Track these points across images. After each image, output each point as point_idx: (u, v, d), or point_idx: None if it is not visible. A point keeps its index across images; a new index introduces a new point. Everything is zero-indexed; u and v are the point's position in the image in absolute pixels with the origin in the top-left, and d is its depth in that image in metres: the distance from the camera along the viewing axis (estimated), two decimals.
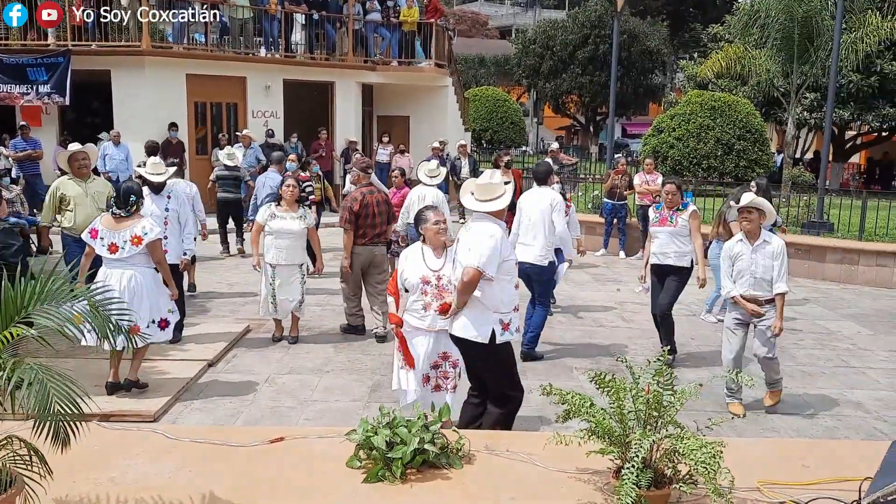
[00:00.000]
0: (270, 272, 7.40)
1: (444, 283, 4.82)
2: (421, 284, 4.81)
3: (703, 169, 18.12)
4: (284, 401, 6.04)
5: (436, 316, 4.79)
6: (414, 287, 4.85)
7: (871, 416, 6.06)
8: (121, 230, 5.69)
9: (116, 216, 5.76)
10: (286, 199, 7.47)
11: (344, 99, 18.19)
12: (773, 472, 2.99)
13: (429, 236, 4.91)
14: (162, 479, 3.12)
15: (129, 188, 5.89)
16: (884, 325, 8.94)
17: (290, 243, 7.40)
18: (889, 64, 19.95)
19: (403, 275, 4.89)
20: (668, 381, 2.83)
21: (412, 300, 4.90)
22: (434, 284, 4.83)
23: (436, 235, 4.89)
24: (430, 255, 4.92)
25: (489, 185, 4.50)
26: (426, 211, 5.04)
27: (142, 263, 5.78)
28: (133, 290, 5.68)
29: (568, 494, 2.88)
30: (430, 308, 4.83)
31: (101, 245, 5.73)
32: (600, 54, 31.41)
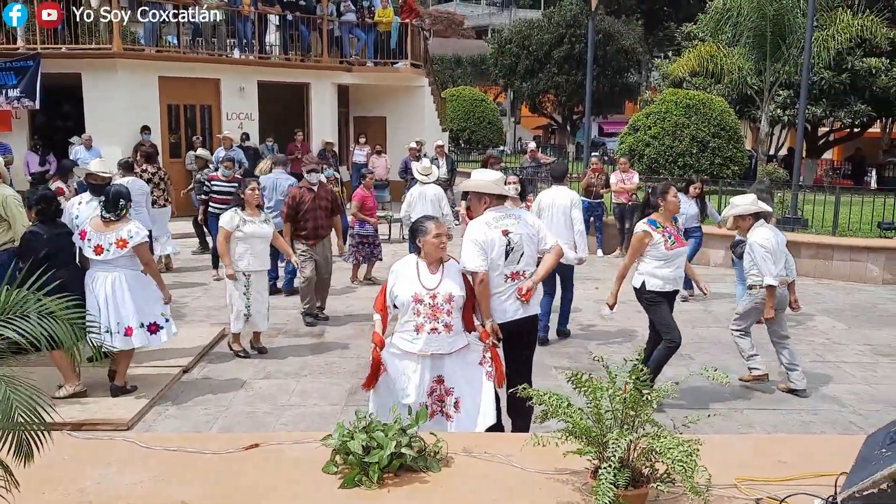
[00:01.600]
0: (245, 281, 7.09)
1: (438, 303, 4.30)
2: (413, 303, 4.28)
3: (679, 167, 18.23)
4: (261, 406, 5.98)
5: (428, 339, 4.30)
6: (404, 305, 4.32)
7: (846, 410, 6.12)
8: (108, 233, 5.79)
9: (105, 219, 5.85)
10: (250, 203, 7.16)
11: (319, 100, 18.11)
12: (750, 469, 2.99)
13: (427, 250, 4.35)
14: (134, 489, 3.07)
15: (119, 192, 5.97)
16: (858, 319, 9.04)
17: (262, 248, 7.27)
18: (860, 61, 20.20)
19: (394, 291, 4.36)
20: (644, 380, 2.82)
21: (403, 320, 4.36)
22: (427, 304, 4.29)
23: (436, 250, 4.35)
24: (424, 272, 4.36)
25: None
26: (426, 222, 4.44)
27: (126, 266, 5.84)
28: (115, 292, 5.78)
29: (546, 495, 2.86)
30: (422, 330, 4.29)
31: (87, 246, 5.83)
32: (576, 53, 31.53)
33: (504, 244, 4.68)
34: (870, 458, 2.45)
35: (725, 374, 2.95)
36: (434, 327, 4.29)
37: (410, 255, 4.51)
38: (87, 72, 14.92)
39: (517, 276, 4.74)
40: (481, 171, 5.25)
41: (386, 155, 17.75)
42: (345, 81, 18.81)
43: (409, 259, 4.47)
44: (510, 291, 4.72)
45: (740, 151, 19.25)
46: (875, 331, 8.55)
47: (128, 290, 5.80)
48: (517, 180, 8.71)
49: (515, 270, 4.73)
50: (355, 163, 18.49)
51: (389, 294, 4.39)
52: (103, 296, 5.76)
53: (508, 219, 4.78)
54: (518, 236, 4.74)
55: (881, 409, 6.09)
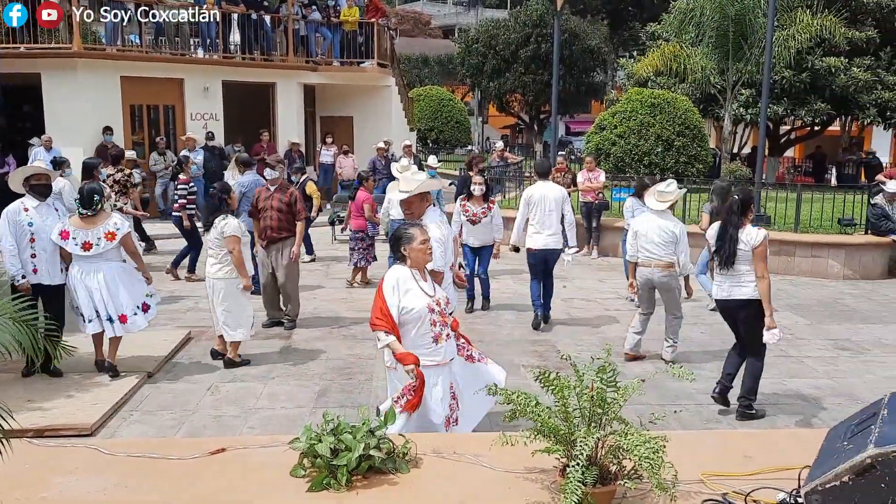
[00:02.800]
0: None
1: (443, 308, 4.29)
2: (428, 314, 4.17)
3: (645, 165, 18.39)
4: (228, 409, 5.92)
5: (447, 346, 4.26)
6: (420, 318, 4.16)
7: (808, 404, 6.22)
8: (93, 228, 6.20)
9: (84, 216, 6.24)
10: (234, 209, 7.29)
11: (285, 100, 17.97)
12: (716, 464, 3.02)
13: (415, 257, 4.22)
14: (98, 497, 3.01)
15: (92, 188, 6.37)
16: (819, 314, 9.20)
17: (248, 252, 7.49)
18: (819, 60, 20.55)
19: (402, 305, 4.13)
20: (611, 378, 2.84)
21: (420, 334, 4.19)
22: (438, 311, 4.22)
23: (423, 256, 4.25)
24: (421, 281, 4.25)
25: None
26: (410, 229, 4.31)
27: (114, 257, 6.36)
28: (108, 284, 6.25)
29: (515, 494, 2.86)
30: (441, 339, 4.22)
31: (73, 244, 6.20)
32: (542, 53, 31.66)
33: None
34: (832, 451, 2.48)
35: (691, 372, 2.98)
36: (448, 333, 4.29)
37: (399, 267, 4.27)
38: (47, 72, 14.64)
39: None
40: (416, 172, 5.45)
41: (353, 155, 17.67)
42: (311, 81, 18.69)
43: (400, 270, 4.24)
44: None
45: (705, 150, 19.48)
46: (836, 325, 8.71)
47: (119, 280, 6.30)
48: (483, 181, 8.79)
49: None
50: (322, 163, 18.38)
51: (397, 310, 4.12)
52: (96, 287, 6.22)
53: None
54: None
55: (843, 402, 6.20)
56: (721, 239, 5.74)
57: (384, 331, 4.09)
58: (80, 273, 6.23)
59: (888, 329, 8.59)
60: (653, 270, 7.10)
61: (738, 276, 5.70)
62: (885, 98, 21.29)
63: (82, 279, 6.23)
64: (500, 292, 10.04)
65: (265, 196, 8.16)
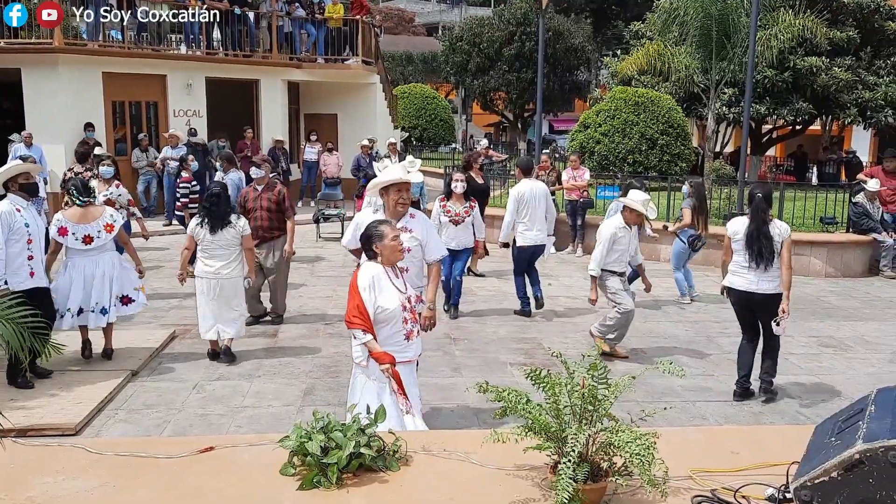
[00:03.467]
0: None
1: (413, 305, 4.34)
2: (402, 312, 4.21)
3: (629, 164, 18.49)
4: (214, 408, 5.88)
5: (417, 342, 4.36)
6: (394, 316, 4.18)
7: (794, 401, 6.28)
8: (91, 223, 6.42)
9: (84, 205, 6.46)
10: None
11: (269, 97, 17.89)
12: (705, 460, 3.04)
13: (387, 254, 4.22)
14: (85, 496, 2.98)
15: (82, 178, 6.79)
16: (803, 312, 9.28)
17: None
18: (801, 60, 20.72)
19: (378, 304, 4.13)
20: (602, 375, 2.84)
21: (393, 332, 4.22)
22: (409, 308, 4.27)
23: (395, 253, 4.25)
24: (394, 278, 4.26)
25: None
26: (381, 226, 4.28)
27: (110, 248, 6.66)
28: (104, 275, 6.51)
29: (506, 492, 2.86)
30: (412, 336, 4.30)
31: (74, 239, 6.37)
32: (526, 51, 31.70)
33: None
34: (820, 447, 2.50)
35: (681, 368, 3.00)
36: (418, 330, 4.37)
37: (371, 264, 4.25)
38: (28, 67, 14.47)
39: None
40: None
41: (338, 153, 17.62)
42: (295, 78, 18.61)
43: (372, 267, 4.23)
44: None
45: (688, 148, 19.62)
46: (819, 323, 8.79)
47: (115, 272, 6.59)
48: (463, 178, 8.79)
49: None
50: (306, 161, 18.32)
51: (373, 308, 4.11)
52: (98, 277, 6.45)
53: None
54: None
55: (827, 398, 6.27)
56: (755, 238, 5.86)
57: (361, 329, 4.09)
58: (76, 266, 6.45)
59: (870, 326, 8.69)
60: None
61: (771, 269, 5.89)
62: (865, 98, 21.51)
63: (82, 272, 6.43)
64: (485, 290, 10.06)
65: (253, 196, 8.11)
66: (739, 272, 6.04)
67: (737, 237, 6.01)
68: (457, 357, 7.19)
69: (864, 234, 11.75)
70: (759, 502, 2.63)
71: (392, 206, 5.00)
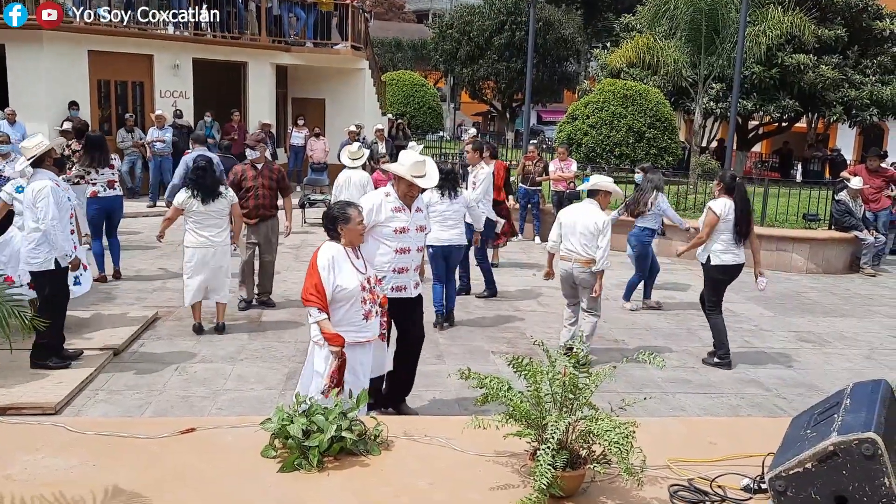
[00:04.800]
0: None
1: (373, 286, 4.44)
2: (360, 292, 4.29)
3: (616, 156, 18.55)
4: (196, 390, 5.87)
5: (375, 322, 4.42)
6: (352, 296, 4.27)
7: (771, 393, 6.35)
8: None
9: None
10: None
11: (257, 80, 17.76)
12: (683, 450, 3.08)
13: (351, 238, 4.34)
14: (64, 475, 2.97)
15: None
16: (783, 307, 9.37)
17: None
18: (789, 57, 20.82)
19: (339, 284, 4.21)
20: (583, 364, 2.87)
21: (350, 312, 4.30)
22: (368, 289, 4.36)
23: (359, 237, 4.42)
24: (354, 259, 4.37)
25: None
26: (348, 209, 4.38)
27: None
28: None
29: (485, 477, 2.89)
30: (371, 316, 4.37)
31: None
32: (516, 41, 31.68)
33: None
34: (796, 438, 2.54)
35: (661, 360, 3.02)
36: (377, 310, 4.44)
37: (332, 244, 4.33)
38: (11, 43, 14.29)
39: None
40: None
41: (325, 138, 17.55)
42: (283, 62, 18.48)
43: (333, 248, 4.30)
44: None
45: (675, 142, 19.69)
46: (799, 318, 8.88)
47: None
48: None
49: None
50: (293, 145, 18.23)
51: (330, 287, 4.19)
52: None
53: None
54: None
55: (804, 392, 6.34)
56: (743, 219, 6.81)
57: (317, 308, 4.18)
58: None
59: (848, 322, 8.79)
60: (573, 265, 6.70)
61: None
62: (850, 96, 21.67)
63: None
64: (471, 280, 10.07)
65: (252, 175, 7.99)
66: (730, 249, 6.82)
67: (728, 218, 6.74)
68: (441, 345, 7.21)
69: (846, 232, 11.86)
70: (735, 492, 2.67)
71: (402, 195, 5.15)
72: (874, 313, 9.29)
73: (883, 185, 12.48)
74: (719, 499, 2.55)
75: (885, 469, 2.10)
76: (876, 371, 6.84)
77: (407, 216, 5.14)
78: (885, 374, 6.11)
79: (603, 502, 2.53)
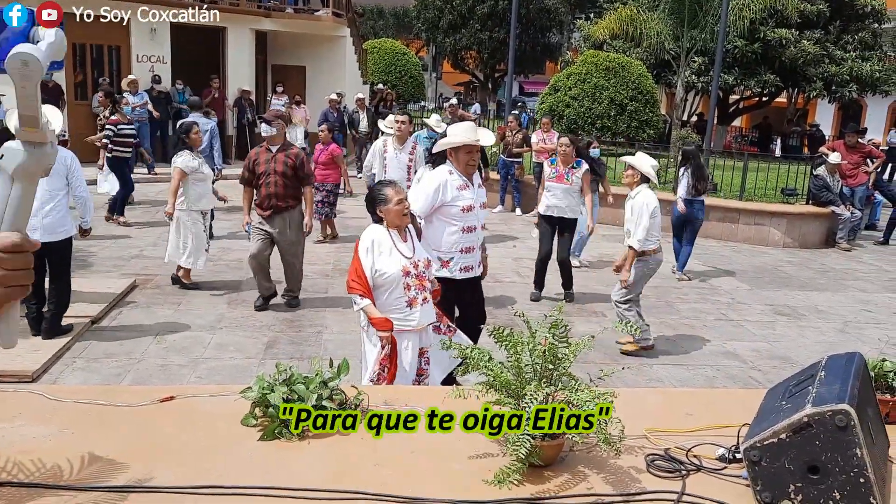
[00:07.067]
0: (201, 218, 7.57)
1: (421, 271, 4.16)
2: (403, 278, 4.06)
3: (598, 128, 18.55)
4: (174, 359, 5.85)
5: (423, 311, 4.16)
6: (393, 282, 4.06)
7: (746, 365, 6.45)
8: None
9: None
10: (196, 145, 7.59)
11: (237, 46, 17.49)
12: (659, 421, 3.12)
13: (391, 218, 4.10)
14: (42, 443, 2.95)
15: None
16: (760, 280, 9.49)
17: (209, 188, 7.76)
18: (772, 31, 20.86)
19: (379, 269, 4.04)
20: (562, 335, 2.88)
21: (393, 298, 4.11)
22: (414, 274, 4.11)
23: (399, 217, 4.12)
24: (399, 242, 4.12)
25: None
26: (385, 188, 4.14)
27: None
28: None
29: (466, 446, 2.91)
30: (416, 303, 4.12)
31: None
32: (499, 10, 31.45)
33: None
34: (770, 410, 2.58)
35: (635, 328, 3.05)
36: (425, 297, 4.19)
37: (376, 227, 4.15)
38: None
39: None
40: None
41: (305, 106, 17.37)
42: (263, 28, 18.21)
43: (376, 231, 4.12)
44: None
45: (656, 115, 19.72)
46: (775, 291, 9.00)
47: None
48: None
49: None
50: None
51: (371, 272, 4.03)
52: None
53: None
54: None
55: (779, 364, 6.45)
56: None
57: (359, 294, 4.02)
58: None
59: (823, 296, 8.92)
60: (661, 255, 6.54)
61: None
62: (831, 72, 21.77)
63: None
64: None
65: (265, 158, 7.02)
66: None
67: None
68: None
69: (824, 207, 11.99)
70: (711, 461, 2.71)
71: (462, 166, 4.94)
72: (848, 287, 9.43)
73: (860, 160, 12.61)
74: (695, 468, 2.59)
75: (857, 440, 2.14)
76: (849, 344, 6.97)
77: (472, 193, 4.94)
78: (857, 347, 6.22)
79: (581, 471, 2.56)
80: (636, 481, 2.44)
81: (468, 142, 4.85)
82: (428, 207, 4.83)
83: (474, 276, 5.04)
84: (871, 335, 7.45)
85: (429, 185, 4.81)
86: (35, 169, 1.42)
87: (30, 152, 1.41)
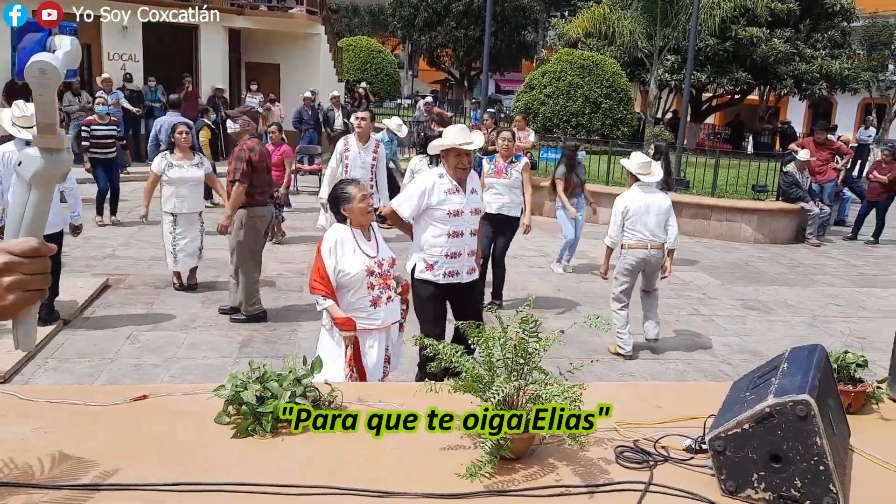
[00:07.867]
0: (171, 221, 7.36)
1: (386, 269, 4.15)
2: (367, 277, 4.05)
3: (573, 126, 18.66)
4: (148, 358, 5.83)
5: (387, 310, 4.16)
6: (357, 281, 4.05)
7: (717, 359, 6.54)
8: None
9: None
10: (180, 147, 7.39)
11: (210, 44, 17.38)
12: (630, 413, 3.16)
13: (355, 217, 4.09)
14: (14, 443, 2.94)
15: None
16: (731, 276, 9.62)
17: (189, 191, 7.43)
18: (743, 30, 21.09)
19: (339, 268, 4.02)
20: (533, 329, 2.92)
21: (356, 298, 4.09)
22: (378, 273, 4.09)
23: (363, 215, 4.10)
24: (362, 241, 4.11)
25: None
26: (347, 187, 4.12)
27: None
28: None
29: (438, 440, 2.94)
30: (380, 302, 4.12)
31: None
32: (475, 8, 31.48)
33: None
34: (735, 401, 2.64)
35: (607, 322, 3.10)
36: (389, 296, 4.18)
37: (339, 226, 4.14)
38: None
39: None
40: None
41: (280, 104, 17.29)
42: (237, 25, 18.10)
43: (339, 230, 4.11)
44: None
45: (630, 113, 19.88)
46: (745, 287, 9.13)
47: None
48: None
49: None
50: None
51: (334, 273, 4.02)
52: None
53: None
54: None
55: (748, 358, 6.55)
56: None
57: (322, 295, 4.03)
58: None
59: (793, 291, 9.06)
60: (650, 252, 6.48)
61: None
62: (801, 70, 22.07)
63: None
64: None
65: (265, 154, 7.07)
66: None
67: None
68: None
69: (793, 203, 12.17)
70: (678, 452, 2.77)
71: (452, 169, 4.83)
72: (817, 282, 9.59)
73: (829, 157, 12.81)
74: (662, 459, 2.64)
75: (817, 429, 2.20)
76: (817, 337, 7.09)
77: (461, 198, 4.80)
78: (825, 340, 6.34)
79: (551, 463, 2.61)
80: (605, 472, 2.49)
81: (453, 146, 4.76)
82: (413, 211, 4.78)
83: (459, 281, 4.93)
84: (839, 329, 7.59)
85: (415, 188, 4.77)
86: (52, 175, 1.44)
87: (47, 159, 1.43)
